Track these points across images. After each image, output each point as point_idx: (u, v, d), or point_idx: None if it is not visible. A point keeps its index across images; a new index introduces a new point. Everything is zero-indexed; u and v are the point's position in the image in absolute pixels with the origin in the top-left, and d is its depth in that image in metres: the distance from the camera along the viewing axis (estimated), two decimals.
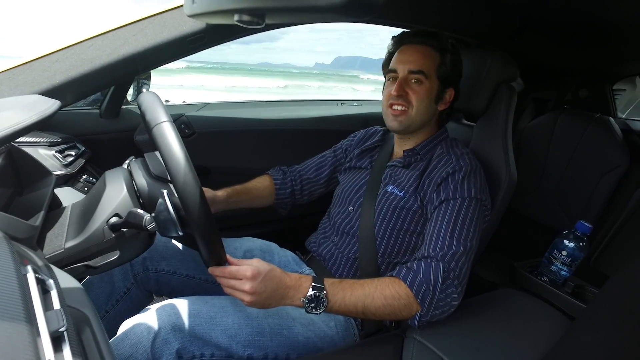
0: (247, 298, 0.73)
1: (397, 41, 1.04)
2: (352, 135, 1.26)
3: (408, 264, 0.87)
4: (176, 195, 0.65)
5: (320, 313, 0.79)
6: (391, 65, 1.03)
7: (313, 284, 0.78)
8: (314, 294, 0.77)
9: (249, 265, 0.73)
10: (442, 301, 0.84)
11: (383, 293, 0.82)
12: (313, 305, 0.77)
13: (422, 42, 1.00)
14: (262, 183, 1.19)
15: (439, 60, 0.99)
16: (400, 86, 0.99)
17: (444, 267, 0.84)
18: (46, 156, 1.07)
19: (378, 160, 1.12)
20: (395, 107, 1.00)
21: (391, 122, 1.03)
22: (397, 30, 1.10)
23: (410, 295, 0.82)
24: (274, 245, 1.12)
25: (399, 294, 0.82)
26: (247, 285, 0.72)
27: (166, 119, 0.64)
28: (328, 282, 0.80)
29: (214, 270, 0.74)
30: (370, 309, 0.81)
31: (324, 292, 0.77)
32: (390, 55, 1.06)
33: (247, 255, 1.05)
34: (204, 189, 0.95)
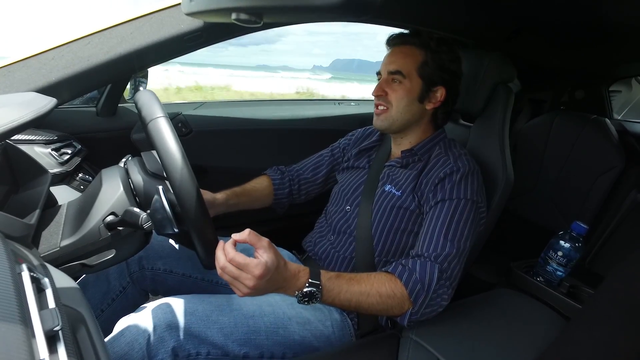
0: (245, 291, 0.70)
1: (386, 45, 1.06)
2: (350, 134, 1.26)
3: (403, 262, 0.87)
4: (172, 191, 0.65)
5: (312, 305, 0.78)
6: (379, 69, 1.05)
7: (310, 280, 0.76)
8: (310, 290, 0.76)
9: (260, 262, 0.68)
10: (433, 300, 0.85)
11: (379, 291, 0.82)
12: (307, 299, 0.76)
13: (405, 41, 1.02)
14: (260, 184, 1.19)
15: (421, 58, 1.00)
16: (380, 87, 1.02)
17: (439, 268, 0.85)
18: (42, 154, 1.07)
19: (376, 160, 1.12)
20: (378, 107, 1.03)
21: (375, 122, 1.06)
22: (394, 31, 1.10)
23: (405, 294, 0.83)
24: None
25: (394, 292, 0.82)
26: (251, 282, 0.68)
27: (162, 115, 0.64)
28: (325, 277, 0.79)
29: (225, 252, 0.69)
30: (363, 306, 0.81)
31: (320, 287, 0.77)
32: None
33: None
34: (203, 191, 0.95)
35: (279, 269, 0.72)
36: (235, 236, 0.70)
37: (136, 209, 0.68)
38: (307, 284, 0.76)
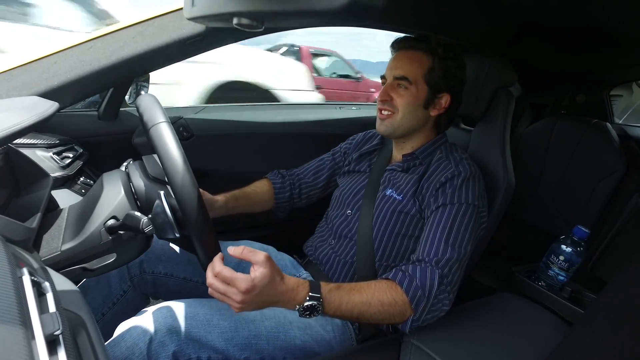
0: (236, 306, 0.69)
1: (392, 48, 1.05)
2: (351, 138, 1.26)
3: (403, 268, 0.87)
4: (173, 196, 0.65)
5: (313, 318, 0.77)
6: (384, 72, 1.05)
7: (310, 293, 0.75)
8: (311, 304, 0.75)
9: (247, 277, 0.68)
10: (434, 306, 0.84)
11: (380, 300, 0.81)
12: (308, 313, 0.75)
13: (412, 46, 1.01)
14: (260, 188, 1.19)
15: (428, 65, 0.99)
16: (385, 92, 1.01)
17: (439, 273, 0.84)
18: (43, 158, 1.07)
19: (377, 164, 1.12)
20: (382, 111, 1.02)
21: (378, 127, 1.05)
22: (394, 34, 1.10)
23: (406, 301, 0.82)
24: (271, 249, 1.11)
25: (396, 300, 0.82)
26: (238, 297, 0.68)
27: (164, 120, 0.65)
28: (325, 289, 0.78)
29: (212, 268, 0.69)
30: (365, 315, 0.81)
31: (321, 300, 0.76)
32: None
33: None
34: (202, 192, 0.95)
35: (274, 284, 0.71)
36: (230, 249, 0.70)
37: (137, 213, 0.68)
38: (307, 298, 0.75)
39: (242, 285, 0.67)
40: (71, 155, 1.14)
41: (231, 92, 3.38)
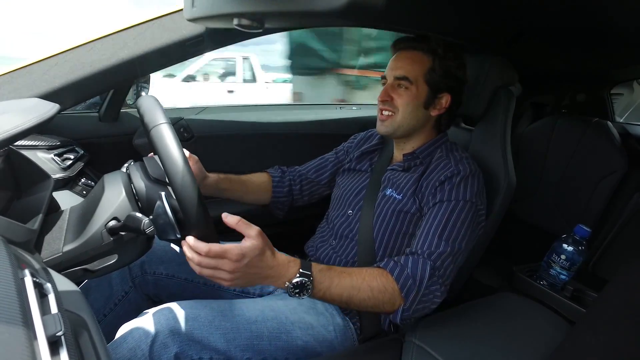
0: (227, 277, 0.69)
1: (392, 48, 1.05)
2: (353, 137, 1.27)
3: (395, 258, 0.88)
4: (174, 197, 0.65)
5: (302, 298, 0.77)
6: (384, 72, 1.05)
7: (301, 270, 0.76)
8: (300, 281, 0.75)
9: (236, 246, 0.69)
10: (425, 297, 0.84)
11: (370, 285, 0.81)
12: (297, 291, 0.76)
13: (413, 46, 1.01)
14: (258, 178, 1.19)
15: (429, 65, 0.99)
16: (386, 92, 1.01)
17: (431, 264, 0.85)
18: (45, 159, 1.07)
19: (378, 164, 1.12)
20: (383, 112, 1.02)
21: (379, 128, 1.05)
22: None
23: (396, 289, 0.82)
24: None
25: (385, 287, 0.82)
26: (229, 266, 0.68)
27: (164, 121, 0.65)
28: (316, 268, 0.78)
29: (193, 245, 0.68)
30: (354, 301, 0.81)
31: (311, 278, 0.76)
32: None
33: None
34: (196, 161, 0.98)
35: (264, 257, 0.72)
36: (225, 217, 0.71)
37: (138, 214, 0.68)
38: (297, 274, 0.75)
39: (232, 253, 0.68)
40: (72, 157, 1.15)
41: None
